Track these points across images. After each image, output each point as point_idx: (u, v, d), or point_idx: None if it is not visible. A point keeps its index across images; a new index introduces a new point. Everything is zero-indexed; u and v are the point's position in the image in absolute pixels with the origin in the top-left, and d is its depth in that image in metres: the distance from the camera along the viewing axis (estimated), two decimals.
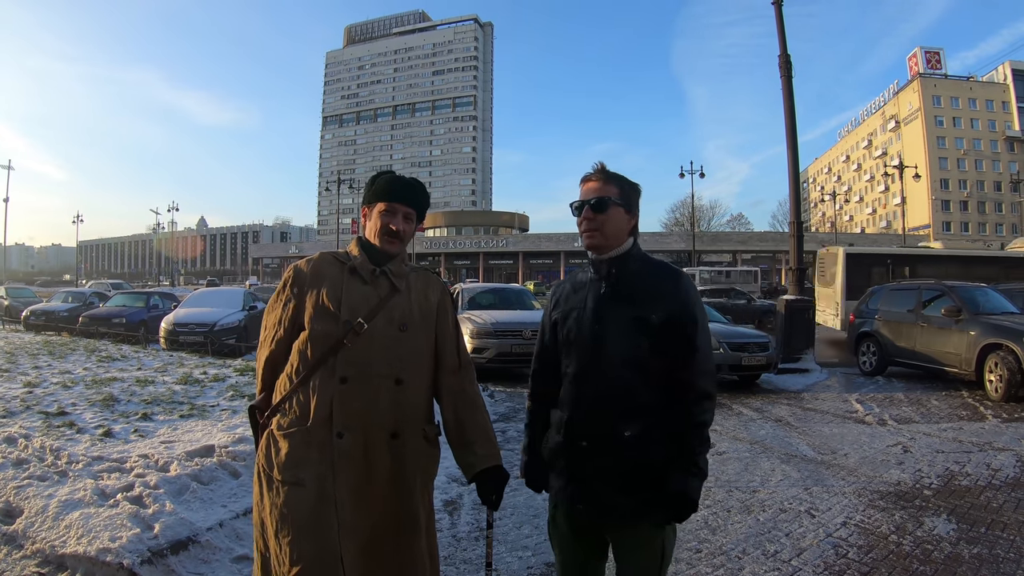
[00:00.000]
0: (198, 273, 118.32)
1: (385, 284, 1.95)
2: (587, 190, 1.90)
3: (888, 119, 79.82)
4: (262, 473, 1.87)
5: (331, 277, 1.93)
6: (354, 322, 1.86)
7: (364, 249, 1.98)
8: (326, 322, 1.87)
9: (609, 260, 1.88)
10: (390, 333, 1.89)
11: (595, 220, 1.87)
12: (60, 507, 3.28)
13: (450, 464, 2.16)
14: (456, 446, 2.00)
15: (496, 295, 12.19)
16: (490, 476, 1.95)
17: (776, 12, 11.14)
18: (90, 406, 5.91)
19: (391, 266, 1.97)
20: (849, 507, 4.16)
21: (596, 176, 1.90)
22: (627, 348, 1.80)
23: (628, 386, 1.80)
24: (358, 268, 1.94)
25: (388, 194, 1.97)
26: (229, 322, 13.80)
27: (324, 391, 1.83)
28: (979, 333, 8.46)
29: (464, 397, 2.01)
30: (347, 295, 1.90)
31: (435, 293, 2.04)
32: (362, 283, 1.93)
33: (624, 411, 1.80)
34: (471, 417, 1.99)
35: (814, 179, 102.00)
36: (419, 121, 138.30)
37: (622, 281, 1.86)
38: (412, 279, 2.01)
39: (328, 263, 1.97)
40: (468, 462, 1.97)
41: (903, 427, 6.54)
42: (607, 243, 1.88)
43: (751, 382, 9.36)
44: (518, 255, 70.57)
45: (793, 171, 11.39)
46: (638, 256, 1.91)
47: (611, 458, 1.80)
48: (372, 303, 1.91)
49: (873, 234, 76.25)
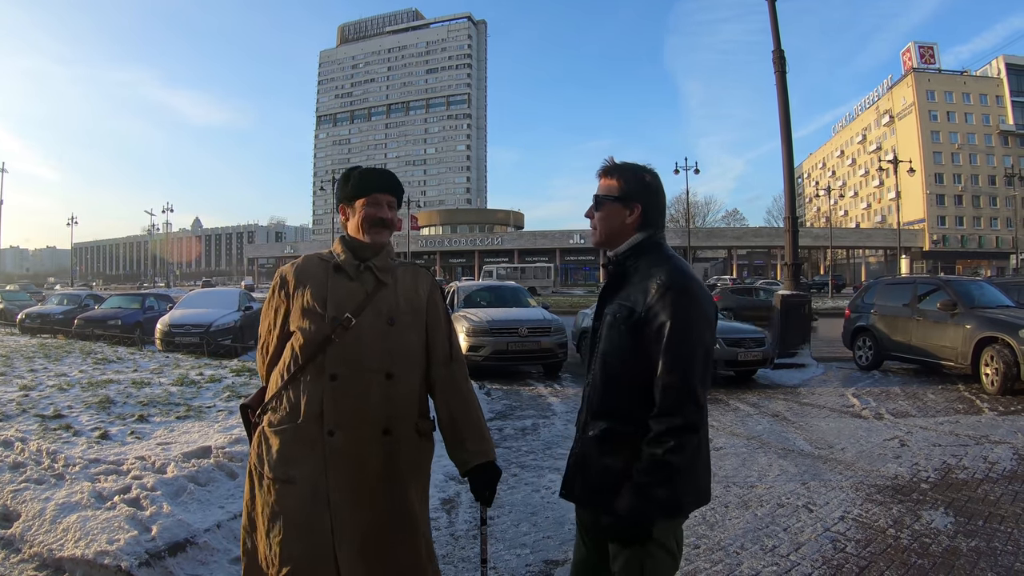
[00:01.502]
0: (193, 274, 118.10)
1: (370, 279, 1.95)
2: (597, 187, 1.89)
3: (882, 114, 79.93)
4: (253, 471, 1.88)
5: (316, 277, 1.94)
6: (341, 318, 1.86)
7: (347, 246, 1.98)
8: (313, 321, 1.88)
9: (612, 257, 1.87)
10: (378, 327, 1.89)
11: (593, 219, 1.88)
12: (57, 510, 3.26)
13: (448, 462, 2.16)
14: (450, 442, 2.00)
15: (492, 293, 12.17)
16: (483, 472, 1.96)
17: (770, 7, 11.13)
18: (86, 408, 5.88)
19: (376, 261, 1.97)
20: (847, 501, 4.18)
21: (600, 172, 1.89)
22: (609, 347, 1.77)
23: (601, 383, 1.78)
24: (343, 265, 1.95)
25: (368, 187, 1.97)
26: (225, 323, 13.76)
27: (314, 388, 1.84)
28: (975, 327, 8.49)
29: (457, 393, 2.01)
30: (332, 292, 1.90)
31: (425, 287, 2.04)
32: (347, 279, 1.93)
33: (592, 408, 1.79)
34: (464, 413, 2.00)
35: (809, 174, 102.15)
36: (413, 119, 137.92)
37: (618, 278, 1.85)
38: (399, 273, 2.01)
39: (313, 263, 1.98)
40: (461, 459, 1.98)
41: (900, 421, 6.56)
42: (604, 241, 1.87)
43: (747, 377, 9.39)
44: (513, 253, 70.56)
45: (788, 166, 11.39)
46: (642, 253, 1.80)
47: (581, 457, 1.80)
48: (358, 298, 1.91)
49: (868, 229, 76.55)
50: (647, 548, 1.65)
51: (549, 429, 6.37)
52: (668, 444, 1.57)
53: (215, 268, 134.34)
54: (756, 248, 69.11)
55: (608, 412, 1.74)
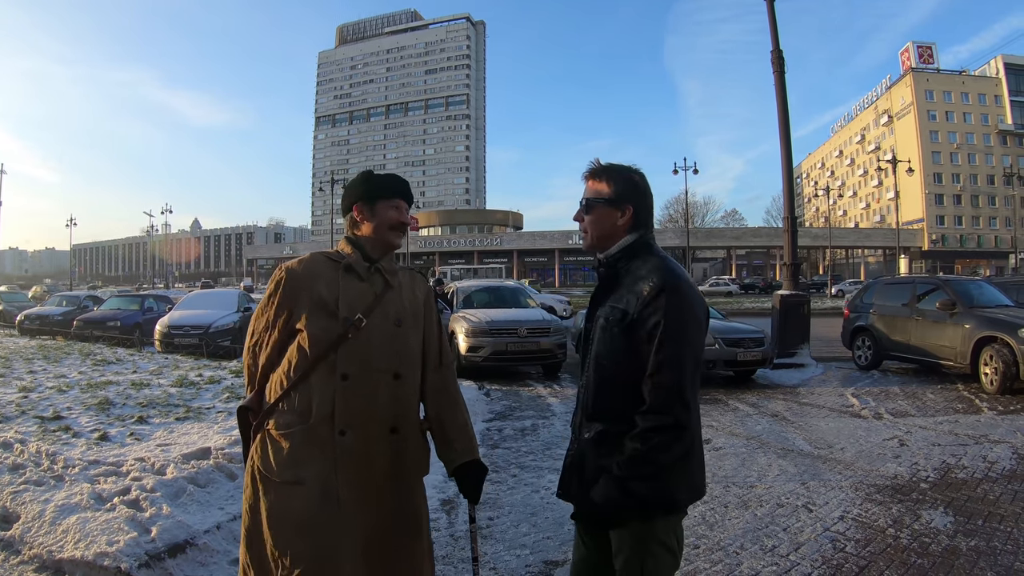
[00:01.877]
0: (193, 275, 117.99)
1: (380, 281, 1.96)
2: (584, 190, 1.89)
3: (881, 114, 79.97)
4: (257, 475, 1.85)
5: (326, 275, 1.92)
6: (353, 318, 1.86)
7: (356, 247, 1.98)
8: (325, 320, 1.86)
9: (603, 259, 1.87)
10: (387, 329, 1.90)
11: (583, 222, 1.88)
12: (57, 512, 3.26)
13: None
14: (438, 443, 2.03)
15: (491, 293, 12.17)
16: (469, 470, 1.98)
17: (768, 7, 11.14)
18: (86, 410, 5.88)
19: (383, 263, 1.98)
20: (846, 501, 4.18)
21: (587, 174, 1.89)
22: (602, 349, 1.77)
23: (594, 385, 1.79)
24: (353, 265, 1.94)
25: (391, 190, 1.99)
26: (224, 324, 13.78)
27: (325, 389, 1.83)
28: (974, 326, 8.49)
29: (446, 395, 2.04)
30: (344, 292, 1.89)
31: (421, 291, 2.07)
32: (358, 280, 1.93)
33: (586, 410, 1.80)
34: (452, 415, 2.02)
35: (807, 174, 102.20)
36: (412, 120, 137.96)
37: (609, 280, 1.85)
38: (401, 276, 2.04)
39: (321, 262, 1.96)
40: (448, 458, 2.00)
41: (899, 421, 6.56)
42: (596, 244, 1.87)
43: (747, 377, 9.40)
44: (512, 253, 70.59)
45: (786, 166, 11.40)
46: (634, 254, 1.81)
47: (578, 457, 1.81)
48: (368, 299, 1.91)
49: (867, 228, 76.61)
50: (648, 546, 1.66)
51: (548, 430, 6.37)
52: (652, 441, 1.59)
53: (214, 269, 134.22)
54: (755, 248, 69.17)
55: (603, 413, 1.75)
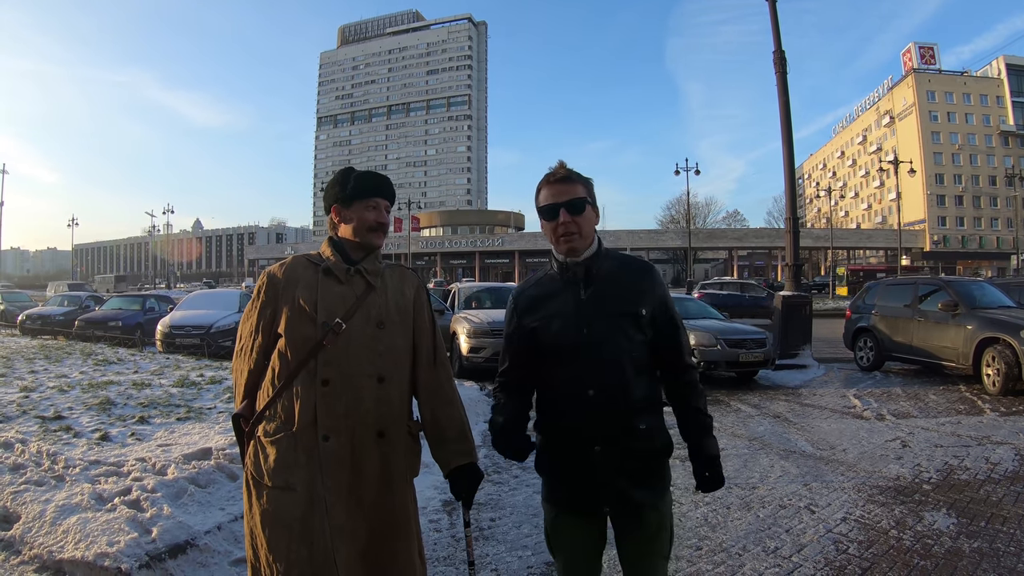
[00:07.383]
0: (194, 275, 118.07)
1: (360, 282, 1.94)
2: (558, 192, 1.85)
3: (883, 114, 79.84)
4: (251, 480, 1.86)
5: (305, 279, 1.91)
6: (332, 323, 1.84)
7: (337, 249, 1.97)
8: (303, 325, 1.86)
9: (585, 262, 1.86)
10: (368, 331, 1.88)
11: (573, 223, 1.84)
12: (57, 512, 3.26)
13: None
14: (432, 443, 2.00)
15: (492, 294, 12.15)
16: (463, 473, 1.95)
17: (770, 8, 11.13)
18: (87, 410, 5.87)
19: (365, 264, 1.96)
20: (849, 502, 4.17)
21: (561, 177, 1.87)
22: (623, 346, 1.80)
23: (629, 383, 1.80)
24: (332, 268, 1.93)
25: (368, 190, 1.97)
26: (225, 324, 13.73)
27: (307, 395, 1.82)
28: (976, 327, 8.48)
29: (441, 394, 2.01)
30: (323, 296, 1.88)
31: (410, 288, 2.04)
32: (337, 283, 1.92)
33: (631, 407, 1.80)
34: (447, 414, 1.99)
35: (809, 175, 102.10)
36: (414, 121, 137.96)
37: (604, 281, 1.85)
38: (387, 276, 2.01)
39: (302, 266, 1.96)
40: (443, 459, 1.98)
41: (901, 422, 6.55)
42: (585, 245, 1.87)
43: (749, 378, 9.39)
44: (514, 254, 70.49)
45: (788, 167, 11.38)
46: (608, 254, 1.91)
47: (629, 454, 1.80)
48: (348, 302, 1.89)
49: (868, 229, 76.47)
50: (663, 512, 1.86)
51: None
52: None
53: (216, 269, 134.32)
54: (757, 249, 69.01)
55: (645, 403, 1.84)
